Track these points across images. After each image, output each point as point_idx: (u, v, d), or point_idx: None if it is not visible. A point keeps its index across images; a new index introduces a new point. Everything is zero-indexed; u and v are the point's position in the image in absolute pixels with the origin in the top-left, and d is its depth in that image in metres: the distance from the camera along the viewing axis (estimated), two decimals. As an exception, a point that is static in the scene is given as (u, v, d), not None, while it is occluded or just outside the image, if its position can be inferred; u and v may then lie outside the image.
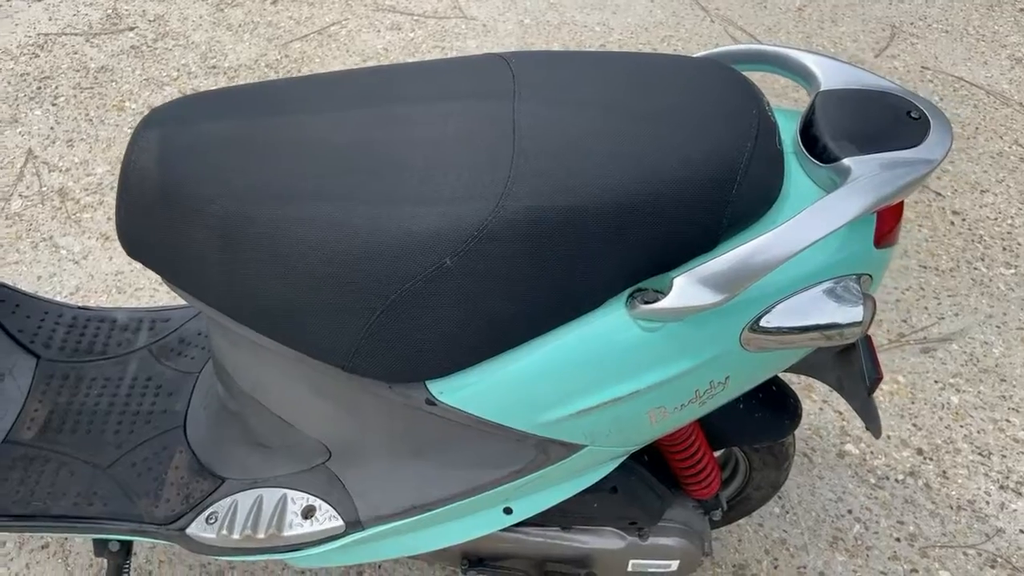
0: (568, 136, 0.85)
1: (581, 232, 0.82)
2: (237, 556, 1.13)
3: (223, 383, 1.15)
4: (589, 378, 0.89)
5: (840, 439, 1.72)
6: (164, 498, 1.16)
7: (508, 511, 1.05)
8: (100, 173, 2.32)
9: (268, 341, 0.94)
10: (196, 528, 1.13)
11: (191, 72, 2.69)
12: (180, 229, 0.89)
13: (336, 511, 1.08)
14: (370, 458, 1.06)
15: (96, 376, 1.33)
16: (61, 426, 1.26)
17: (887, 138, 0.85)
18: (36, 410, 1.28)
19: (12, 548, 1.53)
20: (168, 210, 0.89)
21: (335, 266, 0.84)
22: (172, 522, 1.14)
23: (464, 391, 0.90)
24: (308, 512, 1.09)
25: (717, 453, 1.45)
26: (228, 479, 1.16)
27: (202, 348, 1.35)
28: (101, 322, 1.40)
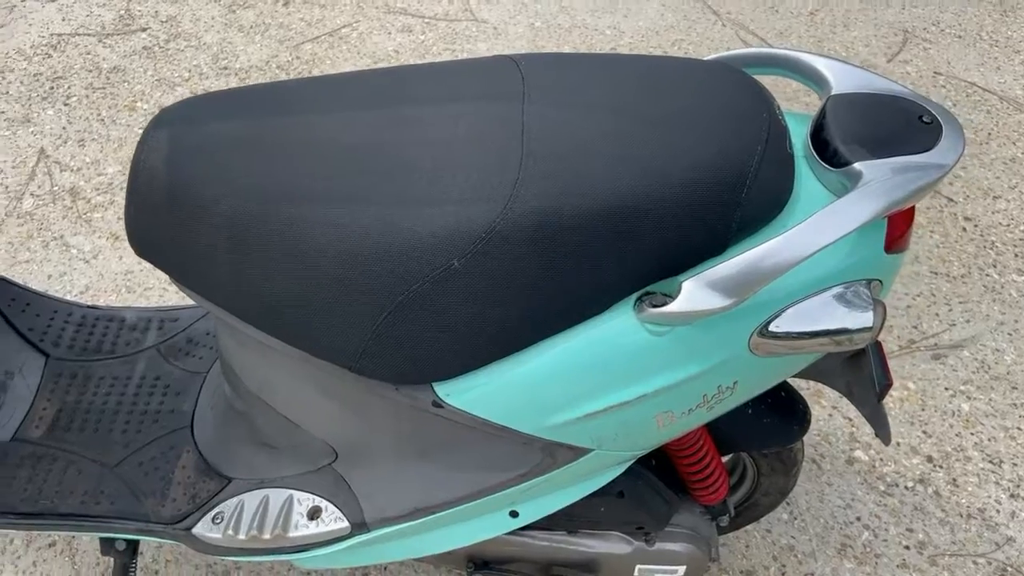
0: (577, 138, 0.85)
1: (589, 235, 0.82)
2: (243, 556, 1.13)
3: (230, 383, 1.15)
4: (596, 382, 0.88)
5: (849, 445, 1.71)
6: (171, 498, 1.16)
7: (514, 514, 1.05)
8: (111, 173, 2.33)
9: (275, 341, 0.94)
10: (202, 528, 1.13)
11: (203, 73, 2.70)
12: (188, 228, 0.89)
13: (342, 512, 1.08)
14: (376, 460, 1.06)
15: (104, 375, 1.33)
16: (69, 425, 1.26)
17: (899, 142, 0.85)
18: (45, 408, 1.28)
19: (20, 545, 1.53)
20: (177, 210, 0.89)
21: (343, 267, 0.84)
22: (178, 522, 1.14)
23: (471, 393, 0.90)
24: (314, 513, 1.09)
25: (725, 458, 1.44)
26: (235, 479, 1.16)
27: (210, 348, 1.35)
28: (110, 321, 1.41)
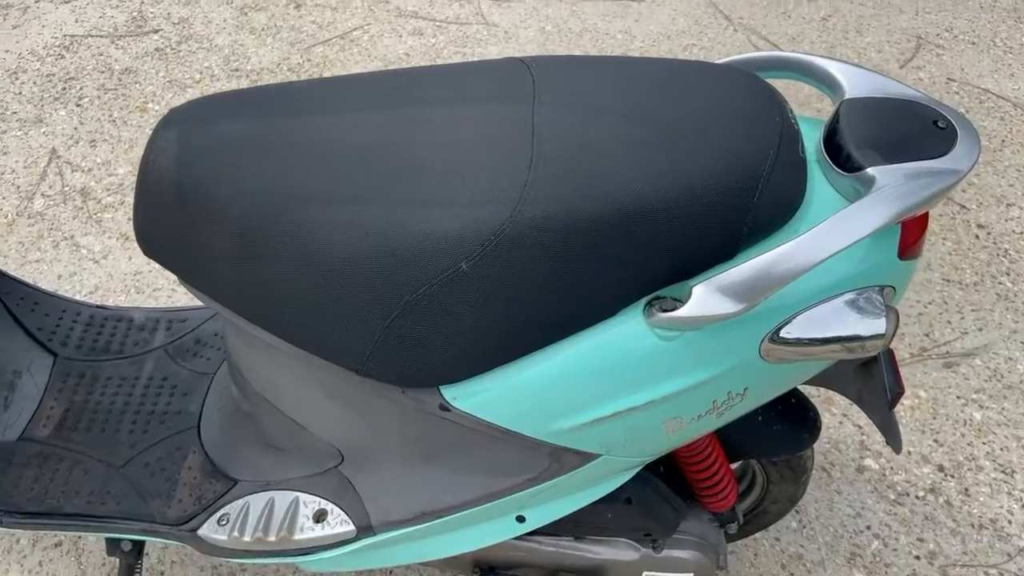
0: (588, 141, 0.84)
1: (599, 238, 0.81)
2: (248, 559, 1.13)
3: (237, 384, 1.15)
4: (605, 386, 0.88)
5: (859, 454, 1.70)
6: (176, 498, 1.16)
7: (521, 519, 1.04)
8: (122, 174, 2.34)
9: (282, 343, 0.93)
10: (207, 529, 1.12)
11: (214, 75, 2.71)
12: (197, 229, 0.89)
13: (347, 515, 1.07)
14: (382, 463, 1.05)
15: (112, 375, 1.33)
16: (76, 424, 1.26)
17: (913, 147, 0.84)
18: (52, 408, 1.28)
19: (26, 545, 1.53)
20: (185, 210, 0.89)
21: (351, 268, 0.83)
22: (184, 523, 1.14)
23: (478, 397, 0.89)
24: (319, 516, 1.08)
25: (734, 465, 1.43)
26: (241, 481, 1.15)
27: (218, 349, 1.35)
28: (118, 321, 1.41)
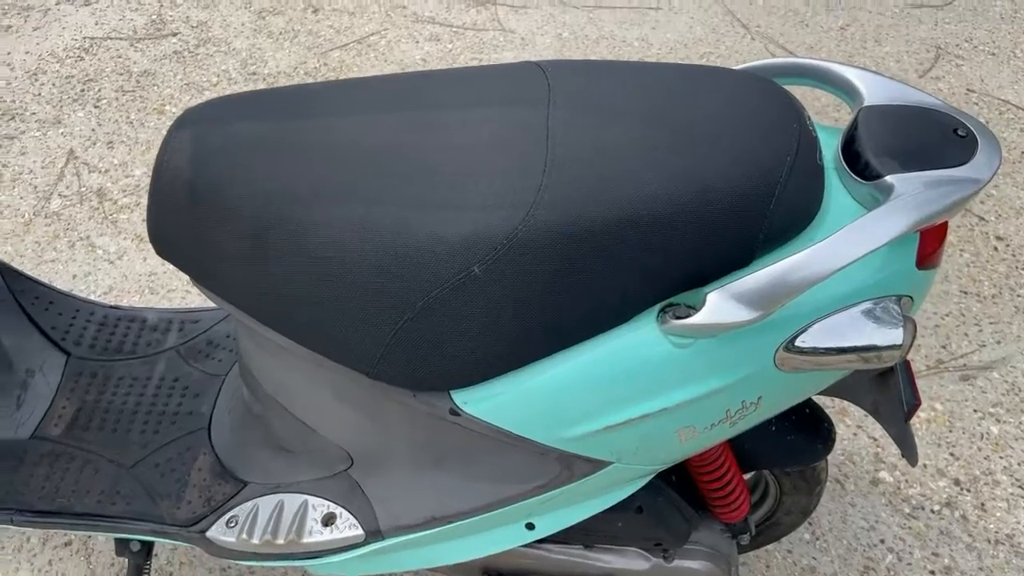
0: (603, 145, 0.83)
1: (613, 243, 0.81)
2: (256, 561, 1.12)
3: (248, 386, 1.15)
4: (617, 393, 0.87)
5: (874, 466, 1.68)
6: (186, 500, 1.16)
7: (530, 527, 1.03)
8: (138, 175, 2.35)
9: (293, 344, 0.93)
10: (216, 531, 1.12)
11: (231, 78, 2.72)
12: (209, 229, 0.89)
13: (356, 519, 1.07)
14: (392, 467, 1.05)
15: (124, 375, 1.33)
16: (88, 424, 1.26)
17: (932, 156, 0.83)
18: (64, 407, 1.29)
19: (36, 544, 1.53)
20: (198, 210, 0.89)
21: (362, 271, 0.83)
22: (193, 524, 1.14)
23: (489, 402, 0.89)
24: (328, 519, 1.08)
25: (747, 476, 1.42)
26: (250, 483, 1.15)
27: (230, 351, 1.35)
28: (131, 322, 1.41)
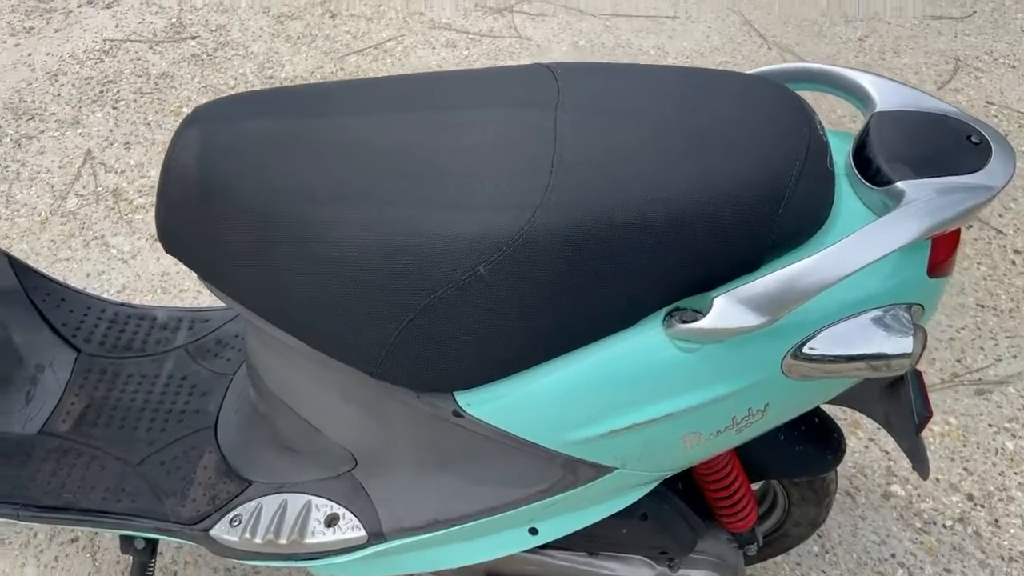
0: (610, 147, 0.83)
1: (620, 246, 0.80)
2: (259, 561, 1.12)
3: (254, 384, 1.15)
4: (622, 398, 0.86)
5: (886, 479, 1.66)
6: (191, 498, 1.16)
7: (534, 531, 1.03)
8: (154, 176, 2.37)
9: (298, 343, 0.93)
10: (219, 530, 1.12)
11: (248, 81, 2.73)
12: (216, 226, 0.89)
13: (359, 521, 1.06)
14: (395, 468, 1.04)
15: (133, 372, 1.34)
16: (96, 420, 1.27)
17: (945, 162, 0.82)
18: (73, 403, 1.29)
19: (43, 540, 1.54)
20: (206, 207, 0.89)
21: (368, 270, 0.82)
22: (197, 523, 1.14)
23: (492, 404, 0.88)
24: (331, 520, 1.08)
25: (755, 486, 1.40)
26: (255, 482, 1.15)
27: (238, 350, 1.35)
28: (141, 320, 1.42)
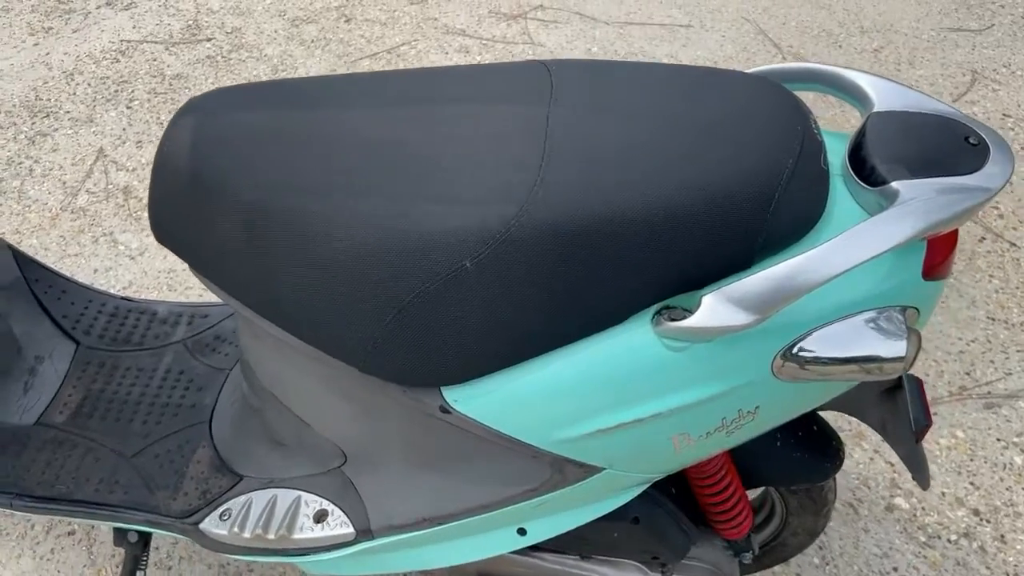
0: (601, 144, 0.82)
1: (608, 242, 0.79)
2: (247, 556, 1.11)
3: (247, 378, 1.14)
4: (609, 396, 0.85)
5: (890, 492, 1.63)
6: (182, 491, 1.16)
7: (522, 532, 1.02)
8: (165, 175, 2.38)
9: (287, 336, 0.93)
10: (209, 524, 1.12)
11: (261, 83, 2.75)
12: (206, 216, 0.89)
13: (348, 517, 1.06)
14: (384, 465, 1.03)
15: (131, 366, 1.34)
16: (92, 412, 1.27)
17: (941, 163, 0.80)
18: (70, 395, 1.30)
19: (40, 532, 1.54)
20: (196, 197, 0.89)
21: (355, 262, 0.82)
22: (187, 516, 1.13)
23: (479, 400, 0.87)
24: (320, 516, 1.07)
25: (753, 494, 1.39)
26: (246, 477, 1.15)
27: (236, 346, 1.35)
28: (141, 314, 1.42)
